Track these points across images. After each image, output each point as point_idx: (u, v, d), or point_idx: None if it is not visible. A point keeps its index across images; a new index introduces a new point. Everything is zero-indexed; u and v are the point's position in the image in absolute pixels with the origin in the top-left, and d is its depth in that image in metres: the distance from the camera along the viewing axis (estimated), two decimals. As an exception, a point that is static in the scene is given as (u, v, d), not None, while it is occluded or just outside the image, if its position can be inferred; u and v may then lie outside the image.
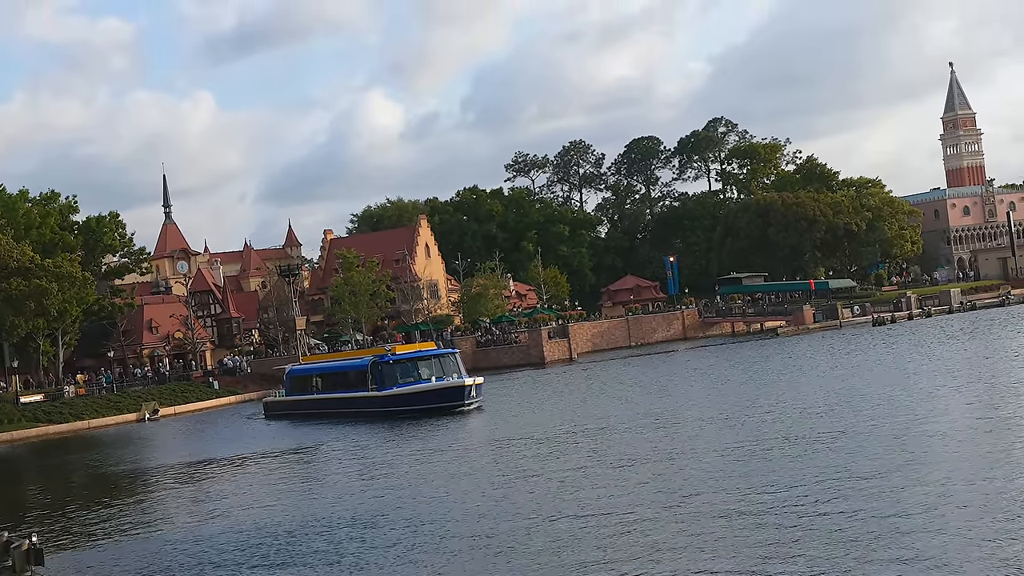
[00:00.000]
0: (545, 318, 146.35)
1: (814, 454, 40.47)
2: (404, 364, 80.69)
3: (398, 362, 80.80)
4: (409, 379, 79.42)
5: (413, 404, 76.59)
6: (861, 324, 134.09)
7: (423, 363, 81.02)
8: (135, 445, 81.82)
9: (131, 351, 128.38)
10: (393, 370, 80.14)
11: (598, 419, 60.92)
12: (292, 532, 37.24)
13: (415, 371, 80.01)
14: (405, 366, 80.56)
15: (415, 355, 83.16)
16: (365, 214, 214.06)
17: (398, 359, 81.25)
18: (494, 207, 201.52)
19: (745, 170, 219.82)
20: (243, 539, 37.07)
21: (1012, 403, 48.25)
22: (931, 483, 33.21)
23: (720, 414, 56.27)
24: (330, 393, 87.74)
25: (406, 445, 59.26)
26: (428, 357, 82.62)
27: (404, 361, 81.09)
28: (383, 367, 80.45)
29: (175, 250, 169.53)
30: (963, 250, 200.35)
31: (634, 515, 33.47)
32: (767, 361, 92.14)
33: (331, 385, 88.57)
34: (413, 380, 79.22)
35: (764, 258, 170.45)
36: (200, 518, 42.93)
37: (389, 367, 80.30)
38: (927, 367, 70.21)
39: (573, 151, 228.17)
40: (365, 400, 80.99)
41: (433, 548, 32.54)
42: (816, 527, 29.42)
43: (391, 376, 79.87)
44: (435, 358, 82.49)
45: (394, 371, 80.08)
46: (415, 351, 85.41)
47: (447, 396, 75.96)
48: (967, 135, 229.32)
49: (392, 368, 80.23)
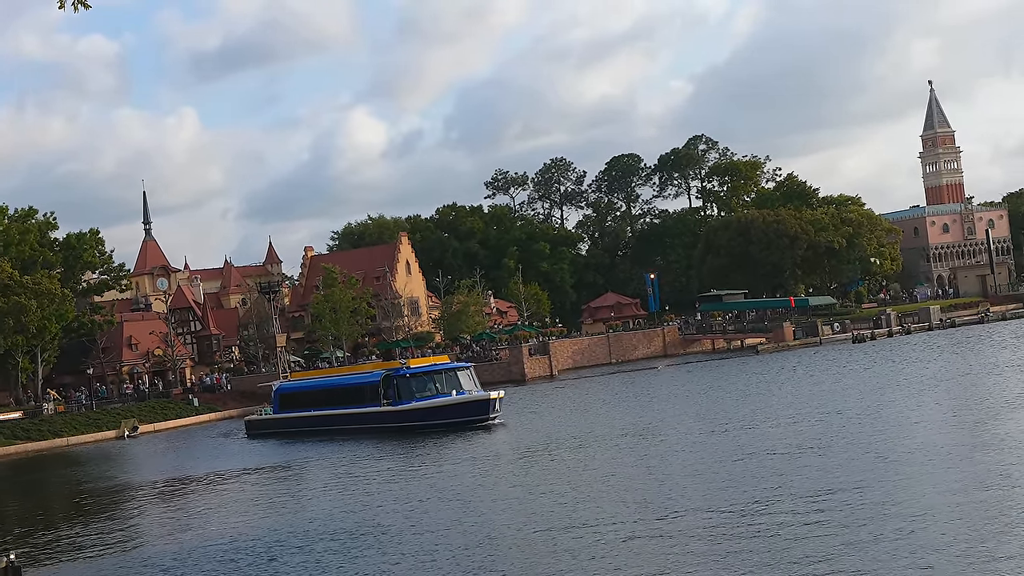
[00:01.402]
0: (526, 335, 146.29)
1: (790, 469, 40.57)
2: (421, 378, 78.40)
3: (415, 376, 78.45)
4: (426, 393, 77.18)
5: (434, 419, 74.35)
6: (841, 341, 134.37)
7: (440, 377, 78.74)
8: (114, 462, 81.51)
9: (110, 368, 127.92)
10: (409, 384, 77.86)
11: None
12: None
13: (432, 385, 77.82)
14: (422, 379, 78.27)
15: (431, 368, 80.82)
16: (346, 231, 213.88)
17: (415, 372, 78.86)
18: (475, 224, 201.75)
19: (725, 187, 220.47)
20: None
21: (987, 418, 48.49)
22: (904, 496, 33.34)
23: (710, 430, 56.39)
24: (331, 409, 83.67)
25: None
26: (444, 371, 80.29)
27: (421, 375, 78.76)
28: (398, 381, 78.07)
29: (155, 267, 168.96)
30: (942, 267, 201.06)
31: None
32: (748, 377, 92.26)
33: (332, 401, 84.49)
34: (431, 394, 77.00)
35: (744, 275, 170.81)
36: (195, 536, 42.72)
37: (405, 381, 77.98)
38: (905, 383, 70.42)
39: (554, 168, 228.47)
40: (376, 416, 78.53)
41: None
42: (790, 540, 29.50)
43: (407, 390, 77.61)
44: (451, 372, 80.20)
45: (410, 385, 77.79)
46: (430, 364, 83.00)
47: (472, 410, 73.82)
48: (946, 153, 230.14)
49: (408, 382, 77.93)
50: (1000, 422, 47.26)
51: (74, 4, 19.42)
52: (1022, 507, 30.67)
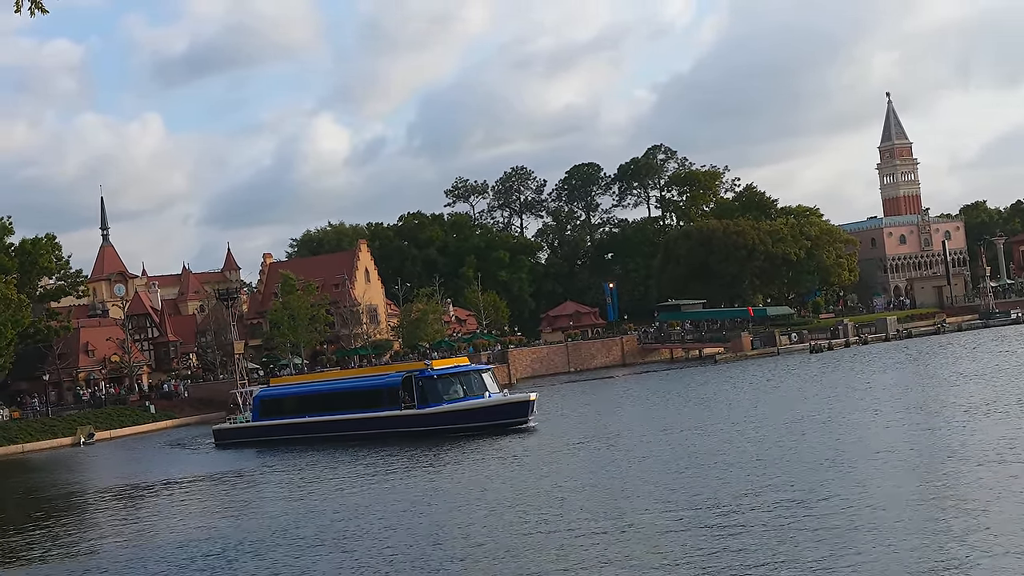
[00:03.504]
0: (485, 343, 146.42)
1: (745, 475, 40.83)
2: (448, 379, 74.19)
3: (442, 377, 74.08)
4: (456, 395, 73.11)
5: (467, 422, 70.68)
6: (799, 351, 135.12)
7: (466, 378, 74.79)
8: (69, 469, 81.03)
9: (67, 375, 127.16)
10: (436, 386, 73.42)
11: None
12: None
13: (459, 387, 73.79)
14: (449, 381, 74.03)
15: (457, 370, 76.51)
16: (305, 238, 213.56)
17: (442, 374, 74.56)
18: (434, 232, 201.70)
19: (684, 197, 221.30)
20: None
21: (938, 424, 48.99)
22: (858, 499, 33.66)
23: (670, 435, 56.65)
24: (332, 415, 78.40)
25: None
26: (470, 372, 76.42)
27: (448, 376, 74.54)
28: (424, 383, 73.41)
29: (112, 273, 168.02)
30: (899, 278, 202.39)
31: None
32: (704, 386, 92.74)
33: (333, 406, 79.12)
34: (458, 396, 73.02)
35: (703, 285, 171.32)
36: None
37: (431, 382, 73.47)
38: (858, 392, 71.01)
39: (514, 177, 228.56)
40: (396, 420, 74.11)
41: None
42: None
43: (434, 392, 73.16)
44: (476, 373, 76.28)
45: (437, 387, 73.36)
46: (455, 366, 78.27)
47: (509, 412, 70.65)
48: (903, 164, 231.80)
49: (435, 384, 73.48)
50: (952, 431, 47.73)
51: (30, 8, 19.32)
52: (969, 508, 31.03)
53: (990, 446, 42.14)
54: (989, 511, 31.15)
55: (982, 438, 44.57)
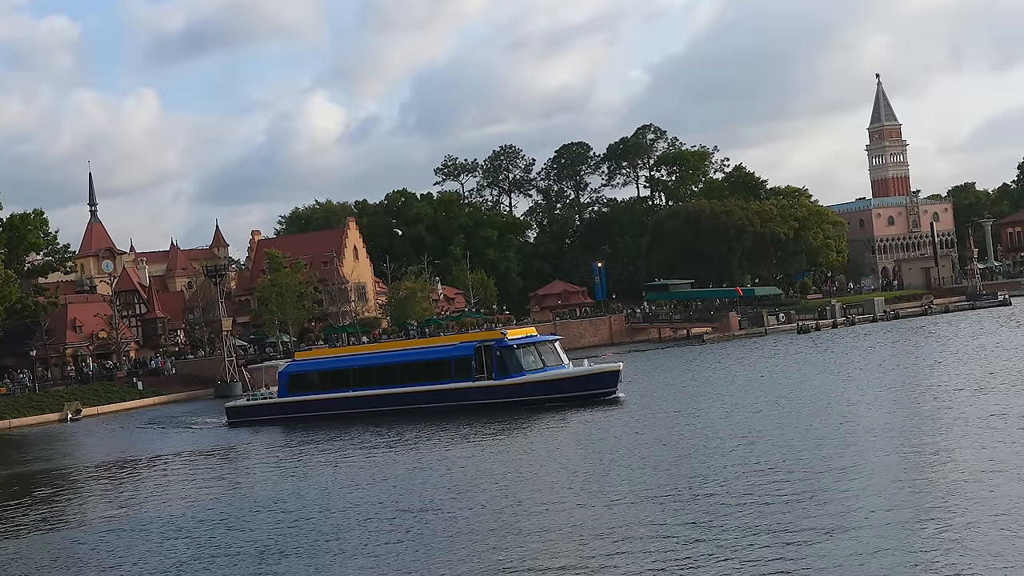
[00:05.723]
0: (473, 322, 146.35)
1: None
2: (527, 348, 71.39)
3: (521, 346, 71.11)
4: (536, 366, 70.24)
5: (552, 393, 68.07)
6: (786, 331, 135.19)
7: (543, 348, 72.16)
8: (57, 445, 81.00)
9: (54, 351, 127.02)
10: (515, 356, 70.28)
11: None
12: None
13: (538, 357, 71.04)
14: (528, 351, 71.18)
15: (533, 340, 73.48)
16: (293, 215, 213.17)
17: (522, 343, 71.67)
18: (422, 210, 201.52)
19: (674, 177, 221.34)
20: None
21: (924, 404, 49.20)
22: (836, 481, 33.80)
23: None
24: (386, 388, 74.02)
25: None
26: (545, 342, 73.58)
27: (528, 345, 71.71)
28: (502, 352, 70.12)
29: (100, 249, 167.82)
30: (887, 259, 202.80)
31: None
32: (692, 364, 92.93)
33: (389, 379, 74.51)
34: (540, 367, 70.25)
35: (692, 265, 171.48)
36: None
37: (510, 352, 70.27)
38: (845, 372, 71.26)
39: (503, 156, 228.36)
40: (469, 392, 70.63)
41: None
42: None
43: (514, 363, 70.02)
44: (550, 343, 73.70)
45: (516, 357, 70.27)
46: (528, 336, 74.75)
47: (598, 383, 67.97)
48: (892, 146, 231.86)
49: (513, 353, 70.29)
50: (939, 410, 47.96)
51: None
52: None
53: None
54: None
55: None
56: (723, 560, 27.12)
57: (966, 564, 24.90)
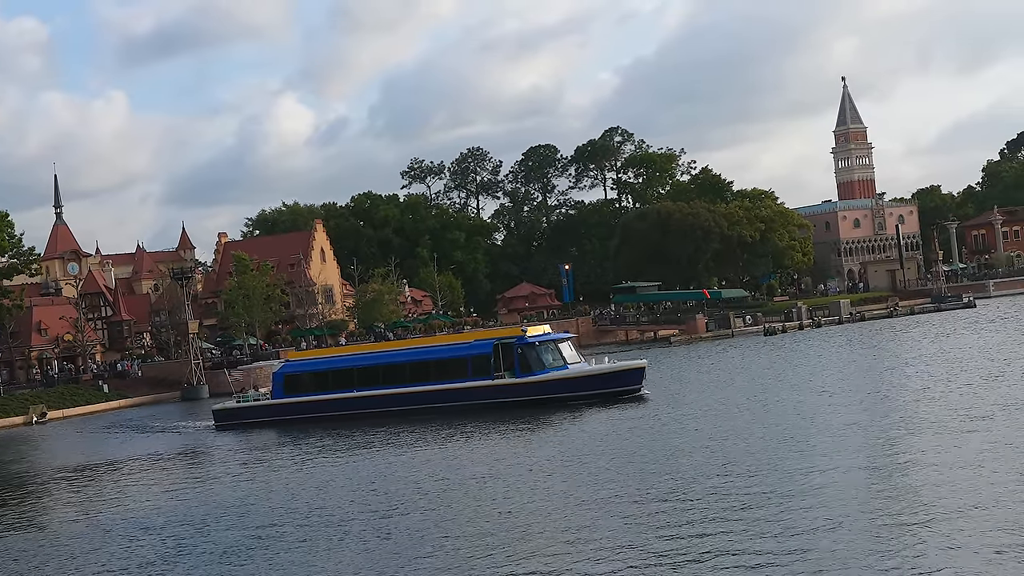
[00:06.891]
0: (440, 324, 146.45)
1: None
2: (548, 345, 70.41)
3: (542, 344, 70.14)
4: (557, 363, 69.49)
5: (576, 391, 67.26)
6: (753, 333, 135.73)
7: (561, 345, 71.53)
8: (23, 447, 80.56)
9: (19, 353, 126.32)
10: (537, 353, 69.38)
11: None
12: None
13: (558, 354, 70.30)
14: (548, 348, 70.20)
15: (552, 337, 72.39)
16: (260, 218, 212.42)
17: (543, 340, 70.63)
18: (389, 212, 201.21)
19: (640, 179, 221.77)
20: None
21: (887, 403, 49.52)
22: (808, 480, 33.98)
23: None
24: (397, 388, 71.99)
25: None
26: (561, 340, 72.96)
27: (548, 343, 70.71)
28: (523, 350, 69.26)
29: (65, 251, 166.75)
30: (853, 262, 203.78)
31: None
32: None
33: (396, 378, 72.72)
34: (561, 364, 69.57)
35: (659, 267, 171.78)
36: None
37: (532, 350, 69.37)
38: (812, 373, 71.59)
39: (471, 158, 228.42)
40: (489, 391, 69.14)
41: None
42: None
43: (536, 360, 69.15)
44: (566, 341, 73.47)
45: (538, 354, 69.36)
46: (546, 333, 73.14)
47: (622, 380, 67.55)
48: (858, 148, 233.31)
49: (535, 351, 69.41)
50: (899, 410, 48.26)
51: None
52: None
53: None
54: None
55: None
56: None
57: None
